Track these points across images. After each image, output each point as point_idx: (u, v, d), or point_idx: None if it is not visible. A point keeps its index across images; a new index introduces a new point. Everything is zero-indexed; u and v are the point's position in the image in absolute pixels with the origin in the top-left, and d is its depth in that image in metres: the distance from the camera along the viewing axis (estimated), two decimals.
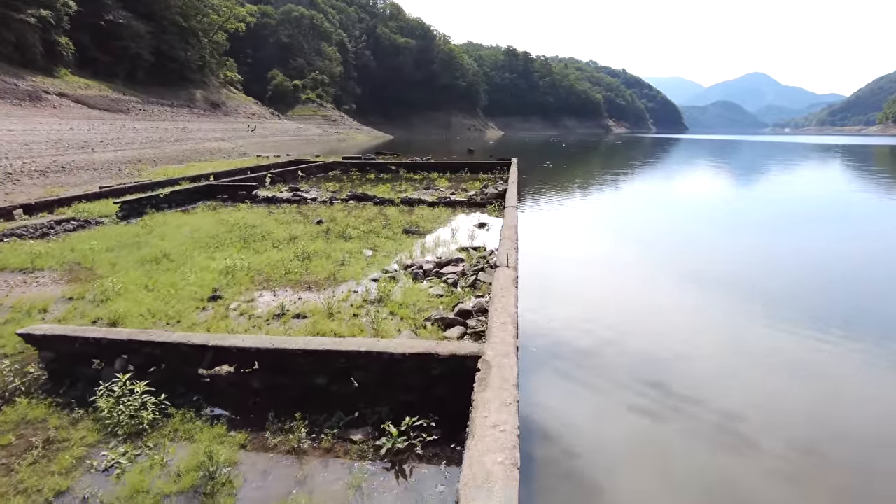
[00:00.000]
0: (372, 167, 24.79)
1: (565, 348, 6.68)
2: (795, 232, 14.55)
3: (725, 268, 10.86)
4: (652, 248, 12.90)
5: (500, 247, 7.43)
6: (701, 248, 12.99)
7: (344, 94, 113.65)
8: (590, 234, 14.11)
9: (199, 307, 6.27)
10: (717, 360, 6.37)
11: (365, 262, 8.26)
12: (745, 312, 8.09)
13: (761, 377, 5.83)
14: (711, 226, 16.13)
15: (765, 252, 12.23)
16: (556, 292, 9.17)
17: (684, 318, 7.99)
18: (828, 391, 5.53)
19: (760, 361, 6.26)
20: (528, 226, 14.18)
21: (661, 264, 11.33)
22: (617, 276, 10.54)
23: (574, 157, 48.55)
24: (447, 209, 13.77)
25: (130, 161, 28.08)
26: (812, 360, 6.25)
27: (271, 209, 13.76)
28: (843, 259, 11.64)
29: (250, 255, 8.58)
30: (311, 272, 7.69)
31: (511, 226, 8.69)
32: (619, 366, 6.15)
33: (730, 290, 9.21)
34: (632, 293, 9.38)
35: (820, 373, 5.96)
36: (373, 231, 10.73)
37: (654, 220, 16.82)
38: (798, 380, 5.77)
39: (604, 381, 5.77)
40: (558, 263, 11.27)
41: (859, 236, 14.03)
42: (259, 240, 9.84)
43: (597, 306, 8.61)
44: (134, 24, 58.57)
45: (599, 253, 12.56)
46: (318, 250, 9.05)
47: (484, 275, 7.10)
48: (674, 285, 9.84)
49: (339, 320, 5.74)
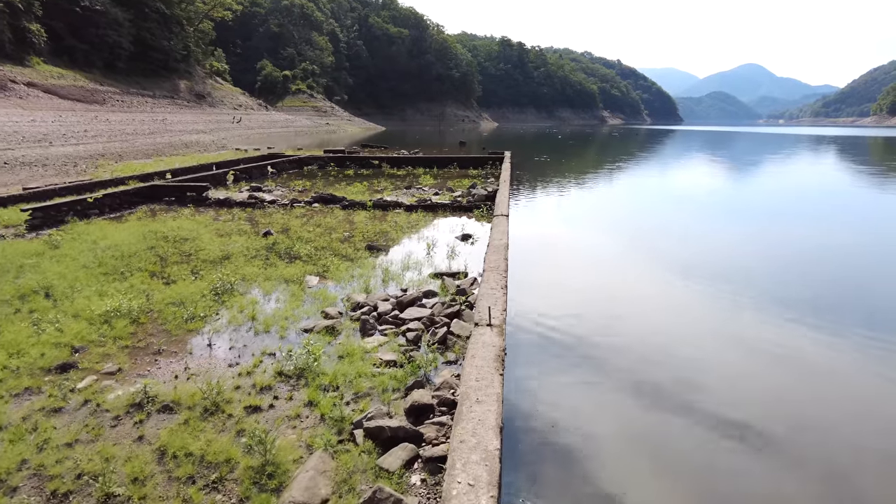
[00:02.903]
0: (352, 162, 22.65)
1: (560, 345, 5.81)
2: (789, 223, 13.88)
3: (735, 262, 10.06)
4: (658, 246, 11.07)
5: (481, 284, 5.37)
6: (706, 242, 11.96)
7: (336, 85, 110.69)
8: (597, 246, 12.05)
9: (28, 386, 4.22)
10: (709, 349, 6.07)
11: (303, 298, 6.21)
12: (748, 305, 7.44)
13: (754, 367, 5.61)
14: (716, 219, 14.90)
15: (764, 244, 11.50)
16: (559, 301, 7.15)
17: (699, 318, 7.13)
18: (814, 379, 5.42)
19: (750, 351, 5.98)
20: (525, 231, 12.04)
21: (679, 265, 9.49)
22: (631, 279, 8.50)
23: (571, 149, 46.32)
24: (427, 215, 11.71)
25: (92, 156, 25.81)
26: (801, 350, 6.01)
27: (220, 214, 11.66)
28: (834, 249, 11.07)
29: (157, 288, 6.52)
30: (222, 317, 5.64)
31: (499, 246, 6.64)
32: (627, 360, 5.58)
33: (728, 282, 8.53)
34: (636, 288, 8.39)
35: (807, 361, 5.77)
36: (329, 247, 8.67)
37: (659, 215, 15.02)
38: (787, 368, 5.60)
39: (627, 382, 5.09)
40: (566, 275, 9.22)
41: (850, 228, 13.41)
42: (181, 261, 7.77)
43: (604, 310, 6.93)
44: (112, 11, 55.81)
45: (612, 264, 10.50)
46: (250, 277, 6.99)
47: (460, 323, 5.06)
48: (680, 280, 8.77)
49: (222, 420, 3.70)
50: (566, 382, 4.98)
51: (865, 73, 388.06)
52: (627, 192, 20.79)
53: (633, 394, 4.84)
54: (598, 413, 4.52)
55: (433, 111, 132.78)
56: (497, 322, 4.26)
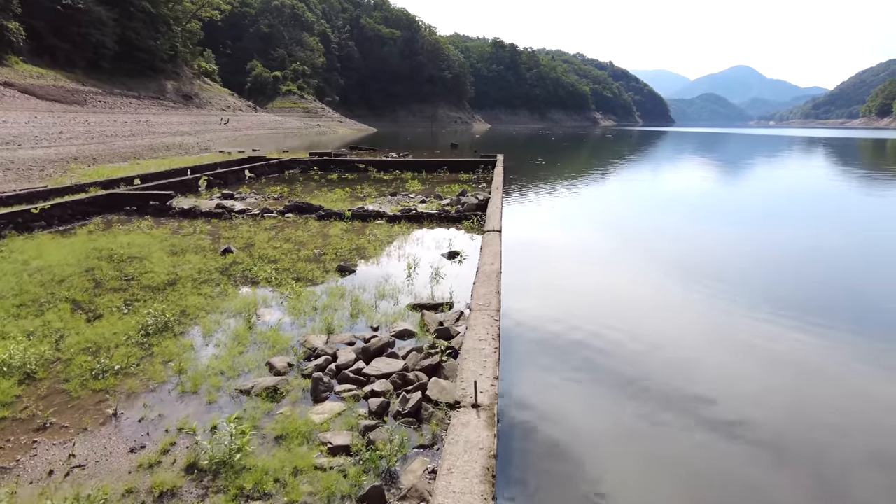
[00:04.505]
0: (337, 165, 21.47)
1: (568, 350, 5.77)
2: (781, 225, 13.86)
3: (728, 263, 10.05)
4: (653, 248, 10.72)
5: (468, 331, 4.23)
6: (701, 243, 12.03)
7: (327, 86, 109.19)
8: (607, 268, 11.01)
9: None
10: (705, 350, 6.02)
11: (249, 341, 5.07)
12: (742, 305, 7.40)
13: (748, 367, 5.58)
14: (710, 220, 15.01)
15: (757, 245, 11.52)
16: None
17: (697, 320, 7.11)
18: (808, 379, 5.40)
19: (744, 351, 5.94)
20: (518, 234, 10.84)
21: (676, 266, 9.36)
22: (627, 280, 7.57)
23: (566, 151, 45.22)
24: (411, 226, 10.59)
25: (63, 159, 24.50)
26: (794, 350, 5.97)
27: (181, 227, 10.48)
28: (825, 251, 11.08)
29: (75, 326, 5.35)
30: (142, 371, 4.49)
31: (490, 274, 5.53)
32: (626, 363, 5.51)
33: (723, 282, 8.48)
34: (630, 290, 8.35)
35: (800, 361, 5.76)
36: (293, 268, 7.54)
37: (653, 217, 14.77)
38: (780, 368, 5.58)
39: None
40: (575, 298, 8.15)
41: (841, 229, 13.42)
42: (117, 288, 6.61)
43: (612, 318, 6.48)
44: (95, 10, 54.28)
45: (607, 265, 9.46)
46: (193, 309, 5.85)
47: (439, 384, 3.94)
48: (677, 282, 8.84)
49: None
50: (565, 389, 4.90)
51: (854, 75, 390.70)
52: (623, 194, 19.99)
53: (633, 400, 4.74)
54: (608, 429, 4.36)
55: (425, 112, 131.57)
56: (486, 401, 3.14)
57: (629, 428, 4.30)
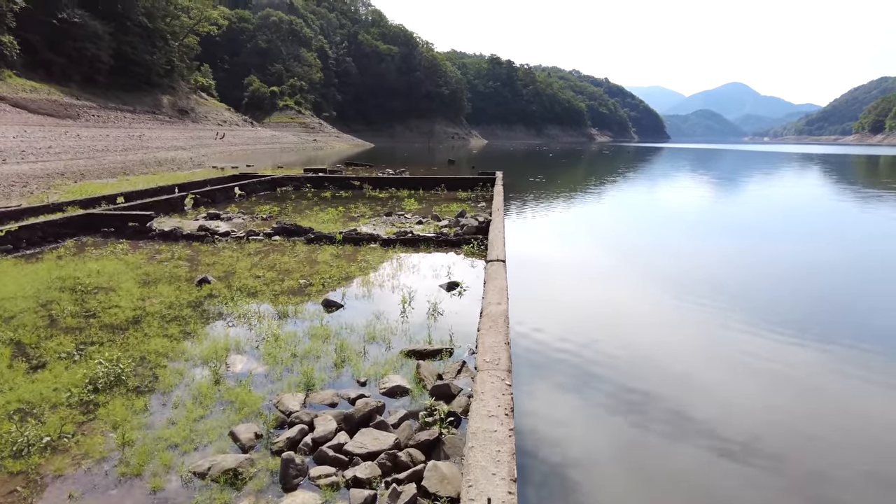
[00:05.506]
0: (331, 183, 20.77)
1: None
2: (779, 241, 13.77)
3: (728, 278, 10.03)
4: (653, 264, 10.59)
5: (474, 403, 3.46)
6: (700, 259, 12.00)
7: (324, 102, 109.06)
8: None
9: None
10: (705, 366, 5.95)
11: (213, 400, 4.29)
12: (742, 321, 7.35)
13: (749, 384, 5.50)
14: (709, 236, 14.93)
15: (756, 260, 11.55)
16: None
17: (697, 336, 7.10)
18: (808, 397, 5.32)
19: (745, 367, 5.87)
20: (520, 248, 10.06)
21: (675, 282, 8.84)
22: (627, 296, 6.94)
23: (564, 167, 44.61)
24: (407, 251, 9.85)
25: (49, 175, 23.74)
26: (794, 366, 5.94)
27: (159, 251, 9.71)
28: (822, 266, 11.04)
29: (10, 379, 4.56)
30: (77, 444, 3.70)
31: (497, 317, 4.77)
32: (632, 381, 5.43)
33: (722, 298, 8.50)
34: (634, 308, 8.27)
35: (801, 378, 5.70)
36: (275, 301, 6.77)
37: (652, 234, 14.39)
38: (780, 385, 5.50)
39: None
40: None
41: (838, 246, 13.41)
42: (73, 328, 5.82)
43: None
44: (91, 24, 53.97)
45: (608, 281, 8.75)
46: (153, 356, 5.07)
47: (439, 470, 3.17)
48: (677, 298, 8.73)
49: None
50: (567, 410, 4.85)
51: (847, 91, 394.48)
52: (623, 210, 19.73)
53: (634, 427, 4.59)
54: (610, 454, 4.25)
55: (422, 128, 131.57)
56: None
57: (631, 451, 4.27)
